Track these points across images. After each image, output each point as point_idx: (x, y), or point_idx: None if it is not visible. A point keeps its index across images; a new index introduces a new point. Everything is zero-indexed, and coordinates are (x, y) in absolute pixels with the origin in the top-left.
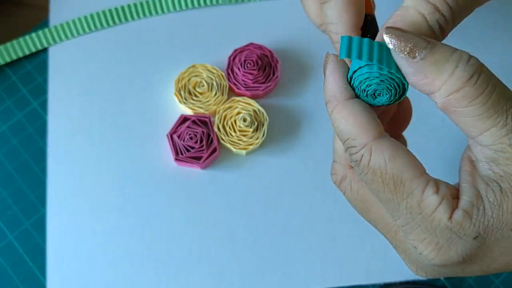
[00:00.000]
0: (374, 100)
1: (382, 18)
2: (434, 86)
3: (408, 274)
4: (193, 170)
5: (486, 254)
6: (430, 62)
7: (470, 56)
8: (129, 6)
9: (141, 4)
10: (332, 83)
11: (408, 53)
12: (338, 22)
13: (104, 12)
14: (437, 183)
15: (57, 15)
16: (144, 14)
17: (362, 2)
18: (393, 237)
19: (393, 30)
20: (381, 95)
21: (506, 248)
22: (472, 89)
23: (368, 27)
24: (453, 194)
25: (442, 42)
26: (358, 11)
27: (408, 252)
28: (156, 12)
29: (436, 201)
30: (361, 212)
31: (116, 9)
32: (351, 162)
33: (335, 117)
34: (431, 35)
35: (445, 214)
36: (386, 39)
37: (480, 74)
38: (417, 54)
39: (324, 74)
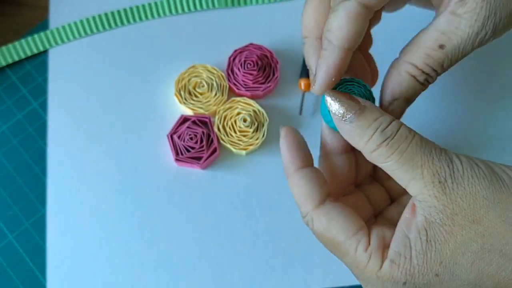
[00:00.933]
0: None
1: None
2: (359, 146)
3: None
4: (193, 170)
5: None
6: (355, 126)
7: (390, 122)
8: (131, 8)
9: (143, 6)
10: (284, 154)
11: (342, 115)
12: (338, 32)
13: (106, 15)
14: (369, 237)
15: (57, 16)
16: (146, 17)
17: (365, 23)
18: (357, 271)
19: (333, 93)
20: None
21: None
22: (384, 149)
23: None
24: (386, 242)
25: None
26: (359, 29)
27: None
28: (158, 14)
29: (366, 257)
30: (330, 249)
31: (118, 11)
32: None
33: (289, 185)
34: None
35: (376, 266)
36: (328, 99)
37: (394, 137)
38: (347, 117)
39: (281, 149)
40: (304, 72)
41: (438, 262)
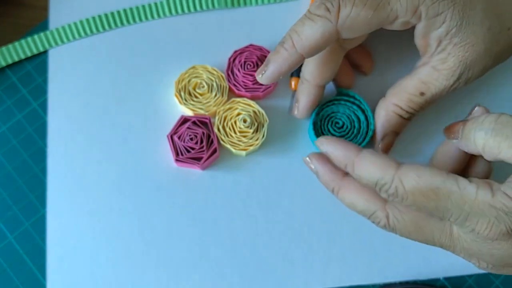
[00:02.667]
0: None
1: None
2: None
3: (408, 274)
4: (193, 171)
5: None
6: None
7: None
8: (131, 9)
9: (143, 7)
10: (337, 157)
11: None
12: (305, 41)
13: (106, 15)
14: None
15: (57, 16)
16: (146, 18)
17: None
18: (450, 239)
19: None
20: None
21: None
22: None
23: None
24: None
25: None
26: (324, 47)
27: (466, 246)
28: (158, 15)
29: (474, 187)
30: (416, 235)
31: (118, 12)
32: (389, 198)
33: (359, 173)
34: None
35: (487, 195)
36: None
37: None
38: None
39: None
40: (295, 71)
41: None
